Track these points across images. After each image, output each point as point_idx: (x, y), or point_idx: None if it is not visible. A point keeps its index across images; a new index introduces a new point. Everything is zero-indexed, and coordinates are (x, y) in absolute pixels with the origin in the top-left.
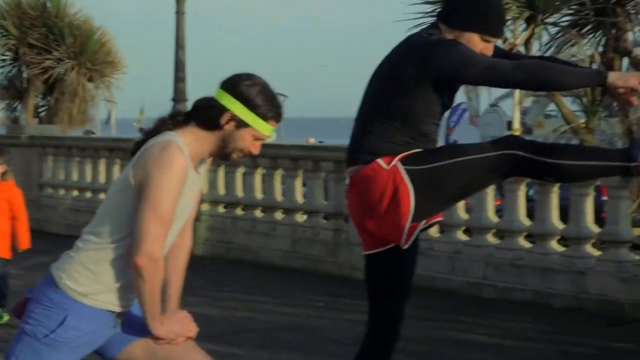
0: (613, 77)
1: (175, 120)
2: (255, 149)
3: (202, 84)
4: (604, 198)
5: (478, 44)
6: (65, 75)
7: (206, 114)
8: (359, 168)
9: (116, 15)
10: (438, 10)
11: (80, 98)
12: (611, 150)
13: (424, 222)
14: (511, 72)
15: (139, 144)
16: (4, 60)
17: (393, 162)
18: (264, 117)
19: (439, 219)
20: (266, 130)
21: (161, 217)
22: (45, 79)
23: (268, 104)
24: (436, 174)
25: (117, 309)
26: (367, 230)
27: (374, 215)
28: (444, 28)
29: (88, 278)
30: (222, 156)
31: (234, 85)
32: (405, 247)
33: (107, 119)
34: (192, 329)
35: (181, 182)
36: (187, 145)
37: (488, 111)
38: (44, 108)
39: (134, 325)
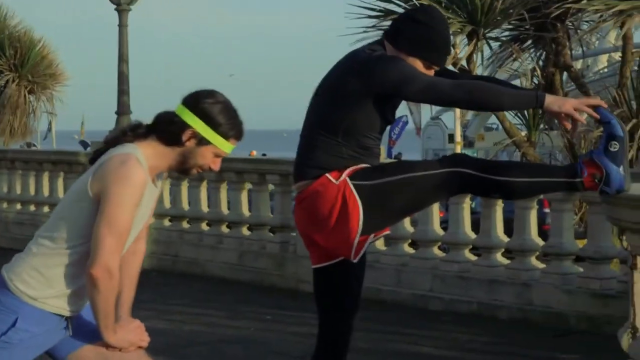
0: (549, 101)
1: (136, 132)
2: (215, 166)
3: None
4: (546, 210)
5: (421, 68)
6: (6, 88)
7: (168, 130)
8: (308, 183)
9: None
10: (379, 24)
11: (21, 110)
12: (556, 166)
13: (372, 235)
14: (451, 91)
15: (98, 153)
16: None
17: (342, 177)
18: (225, 136)
19: (387, 232)
20: (227, 148)
21: (118, 231)
22: None
23: (230, 123)
24: (384, 190)
25: (68, 314)
26: (316, 244)
27: (323, 230)
28: (389, 47)
29: (39, 282)
30: (181, 171)
31: (196, 102)
32: (355, 260)
33: (47, 131)
34: (145, 338)
35: (139, 196)
36: (146, 158)
37: (429, 124)
38: None
39: (86, 329)
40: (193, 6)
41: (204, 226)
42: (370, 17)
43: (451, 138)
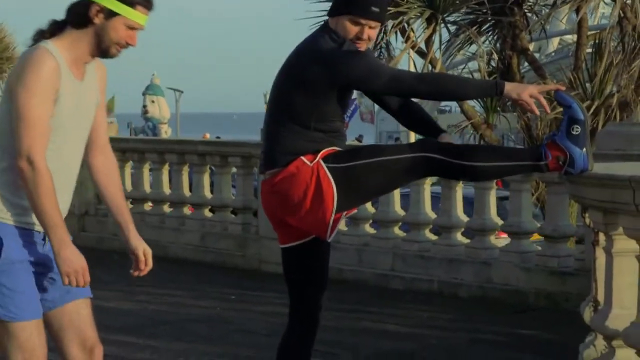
0: (507, 88)
1: (51, 29)
2: (132, 40)
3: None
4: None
5: (351, 28)
6: None
7: (75, 12)
8: (280, 169)
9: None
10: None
11: None
12: (520, 149)
13: (344, 214)
14: (414, 82)
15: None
16: None
17: (316, 160)
18: (131, 3)
19: (354, 211)
20: (136, 17)
21: (30, 119)
22: None
23: None
24: (357, 172)
25: (40, 228)
26: (287, 224)
27: (297, 211)
28: (330, 21)
29: (2, 203)
30: (101, 53)
31: None
32: (329, 239)
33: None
34: (87, 280)
35: (49, 82)
36: (64, 50)
37: None
38: None
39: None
40: None
41: (166, 208)
42: (330, 0)
43: None
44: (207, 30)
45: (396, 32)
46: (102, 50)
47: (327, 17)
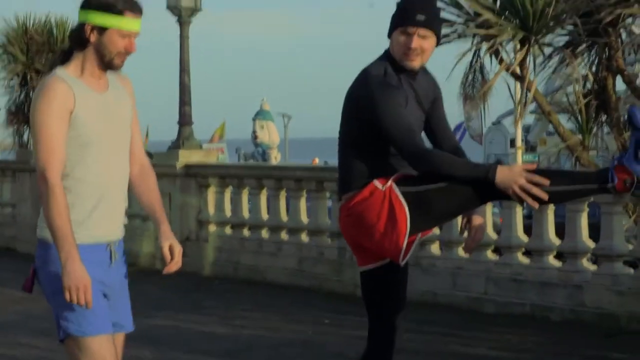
0: (499, 177)
1: (61, 57)
2: (131, 47)
3: (208, 106)
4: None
5: (402, 40)
6: None
7: (74, 36)
8: (354, 193)
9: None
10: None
11: None
12: (588, 172)
13: (419, 236)
14: (412, 159)
15: None
16: (12, 86)
17: (388, 183)
18: (117, 12)
19: (429, 233)
20: (127, 24)
21: (43, 137)
22: None
23: (118, 1)
24: (429, 195)
25: (101, 240)
26: (365, 247)
27: (372, 235)
28: (389, 44)
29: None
30: (107, 67)
31: (84, 0)
32: (402, 263)
33: None
34: (89, 299)
35: (59, 103)
36: (75, 71)
37: (491, 129)
38: None
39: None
40: (260, 17)
41: (264, 233)
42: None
43: (513, 143)
44: (316, 56)
45: (491, 55)
46: (107, 64)
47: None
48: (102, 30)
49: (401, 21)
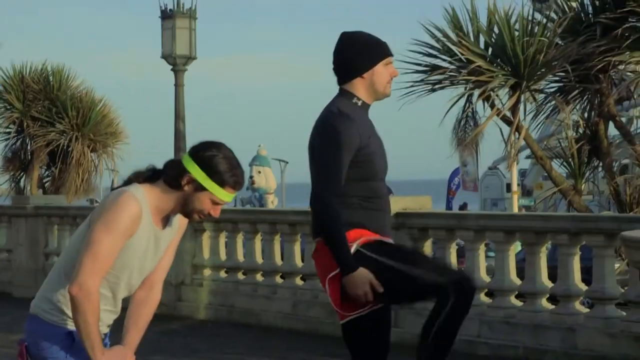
0: (349, 280)
1: (146, 174)
2: (215, 213)
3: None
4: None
5: (386, 71)
6: (69, 147)
7: (169, 173)
8: (317, 240)
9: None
10: (426, 78)
11: (83, 168)
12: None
13: (367, 308)
14: (320, 207)
15: (113, 190)
16: (8, 133)
17: (353, 245)
18: (221, 184)
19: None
20: (223, 196)
21: (96, 252)
22: (49, 150)
23: (227, 173)
24: (382, 271)
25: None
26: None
27: (324, 284)
28: (350, 86)
29: (61, 309)
30: (184, 214)
31: (198, 151)
32: (341, 322)
33: (110, 187)
34: None
35: (127, 225)
36: (151, 198)
37: (487, 174)
38: (48, 179)
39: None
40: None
41: (259, 277)
42: (417, 72)
43: (509, 187)
44: (312, 101)
45: (483, 101)
46: (185, 213)
47: (412, 87)
48: (199, 188)
49: (383, 54)
